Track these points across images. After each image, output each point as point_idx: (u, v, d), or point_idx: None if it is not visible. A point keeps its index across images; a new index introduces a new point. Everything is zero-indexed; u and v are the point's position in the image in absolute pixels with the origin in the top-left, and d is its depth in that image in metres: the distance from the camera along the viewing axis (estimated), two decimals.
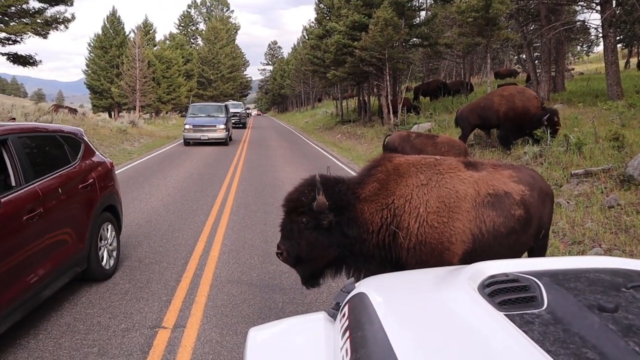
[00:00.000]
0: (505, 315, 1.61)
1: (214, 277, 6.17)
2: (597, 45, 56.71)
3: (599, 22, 17.75)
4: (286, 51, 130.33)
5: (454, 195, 3.76)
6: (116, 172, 15.03)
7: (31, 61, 24.69)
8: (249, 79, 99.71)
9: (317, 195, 3.53)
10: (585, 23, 22.44)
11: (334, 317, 2.18)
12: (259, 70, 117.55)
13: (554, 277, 1.88)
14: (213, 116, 25.42)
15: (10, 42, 23.30)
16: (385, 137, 11.51)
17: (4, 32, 22.24)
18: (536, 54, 31.61)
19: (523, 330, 1.50)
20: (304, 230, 3.70)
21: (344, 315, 2.01)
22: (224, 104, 29.59)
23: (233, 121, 33.34)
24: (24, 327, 4.77)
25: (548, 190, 4.54)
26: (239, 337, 4.57)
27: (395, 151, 10.23)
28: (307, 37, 51.38)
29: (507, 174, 4.13)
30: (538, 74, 20.71)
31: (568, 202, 8.75)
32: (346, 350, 1.73)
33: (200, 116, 25.43)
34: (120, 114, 46.89)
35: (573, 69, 42.04)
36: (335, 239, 3.71)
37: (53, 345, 4.45)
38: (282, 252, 3.84)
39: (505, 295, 1.75)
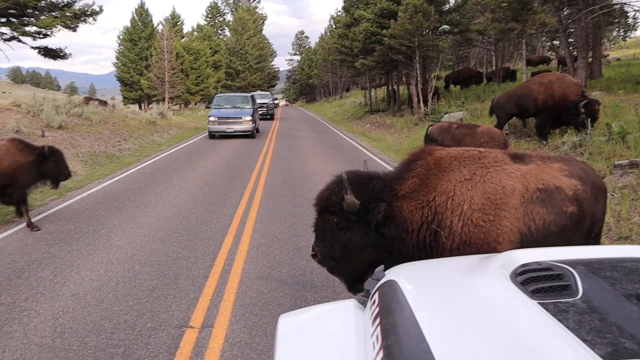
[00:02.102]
0: (538, 303, 1.58)
1: (243, 273, 5.98)
2: (635, 29, 54.62)
3: None
4: (313, 41, 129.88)
5: (500, 191, 3.45)
6: (145, 163, 15.16)
7: (61, 54, 24.88)
8: (277, 69, 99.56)
9: (346, 195, 3.28)
10: (626, 6, 21.40)
11: (364, 304, 2.15)
12: (286, 60, 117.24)
13: (589, 266, 1.84)
14: (239, 107, 24.31)
15: (41, 36, 23.50)
16: (428, 129, 11.13)
17: (34, 25, 22.45)
18: (570, 39, 30.45)
19: (558, 319, 1.46)
20: (337, 231, 3.47)
21: (374, 302, 1.99)
22: (250, 94, 28.31)
23: (260, 112, 32.51)
24: (49, 325, 4.67)
25: (601, 185, 4.18)
26: (269, 339, 4.36)
27: (435, 143, 9.86)
28: (334, 26, 50.81)
29: (557, 167, 3.79)
30: (576, 61, 19.89)
31: (612, 195, 8.29)
32: (377, 336, 1.70)
33: (226, 107, 24.31)
34: (150, 106, 47.30)
35: (608, 55, 40.50)
36: (371, 240, 3.45)
37: (78, 345, 4.32)
38: (316, 254, 3.63)
39: (539, 283, 1.71)
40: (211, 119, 23.31)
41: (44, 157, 8.11)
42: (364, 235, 3.43)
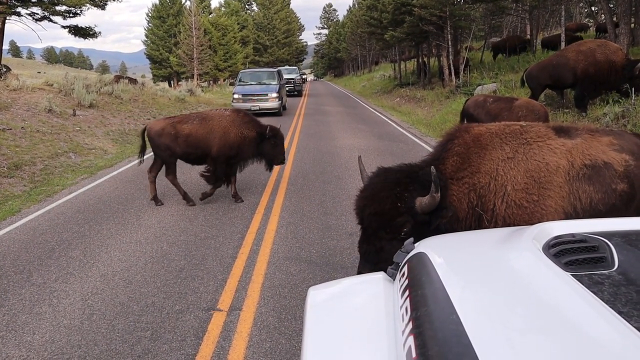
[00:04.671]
0: (572, 275, 1.54)
1: (271, 254, 5.86)
2: None
3: None
4: (341, 13, 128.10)
5: (544, 169, 3.20)
6: None
7: (91, 33, 25.03)
8: (305, 43, 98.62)
9: (435, 194, 2.89)
10: None
11: (392, 276, 2.14)
12: (314, 34, 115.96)
13: (626, 238, 1.79)
14: (264, 84, 23.24)
15: (71, 15, 23.67)
16: (465, 102, 10.71)
17: (64, 4, 22.60)
18: (611, 4, 28.90)
19: (592, 291, 1.42)
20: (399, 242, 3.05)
21: (403, 274, 1.98)
22: (276, 69, 26.92)
23: (287, 88, 31.41)
24: (78, 307, 4.64)
25: None
26: (298, 322, 4.24)
27: (471, 118, 9.45)
28: None
29: (606, 141, 3.49)
30: (618, 27, 18.89)
31: None
32: (406, 308, 1.68)
33: (251, 84, 23.34)
34: (179, 83, 47.48)
35: None
36: None
37: (106, 328, 4.27)
38: None
39: (572, 255, 1.68)
40: (235, 96, 22.37)
41: (263, 137, 7.84)
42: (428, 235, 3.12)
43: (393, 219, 2.98)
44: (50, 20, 23.65)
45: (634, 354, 1.15)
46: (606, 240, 1.76)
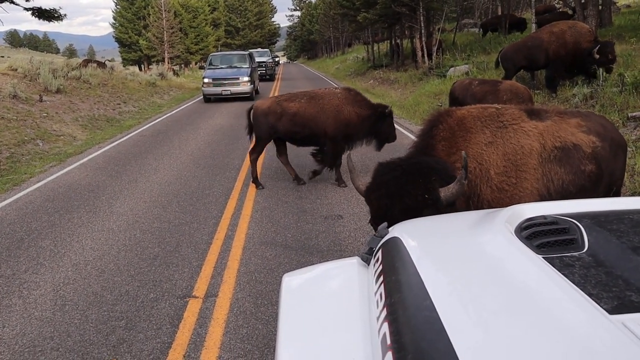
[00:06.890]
0: (543, 258, 1.54)
1: (247, 239, 5.83)
2: None
3: None
4: None
5: (519, 152, 3.25)
6: (146, 126, 14.91)
7: (56, 15, 24.24)
8: (277, 26, 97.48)
9: (464, 180, 2.81)
10: None
11: (367, 262, 2.12)
12: (286, 16, 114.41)
13: (595, 219, 1.81)
14: (235, 67, 22.63)
15: None
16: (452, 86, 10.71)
17: None
18: None
19: (563, 274, 1.43)
20: None
21: (377, 260, 1.96)
22: (247, 52, 26.22)
23: (259, 72, 31.13)
24: (50, 298, 4.55)
25: (620, 141, 3.94)
26: (274, 308, 4.23)
27: (456, 101, 9.45)
28: None
29: (574, 123, 3.56)
30: (585, 10, 19.15)
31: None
32: (380, 294, 1.68)
33: (221, 67, 22.72)
34: (150, 67, 46.54)
35: (618, 2, 39.09)
36: None
37: (79, 318, 4.20)
38: None
39: (544, 238, 1.68)
40: (205, 80, 21.67)
41: (383, 116, 7.54)
42: None
43: (420, 213, 2.75)
44: (12, 2, 22.83)
45: (603, 336, 1.16)
46: (576, 222, 1.77)
